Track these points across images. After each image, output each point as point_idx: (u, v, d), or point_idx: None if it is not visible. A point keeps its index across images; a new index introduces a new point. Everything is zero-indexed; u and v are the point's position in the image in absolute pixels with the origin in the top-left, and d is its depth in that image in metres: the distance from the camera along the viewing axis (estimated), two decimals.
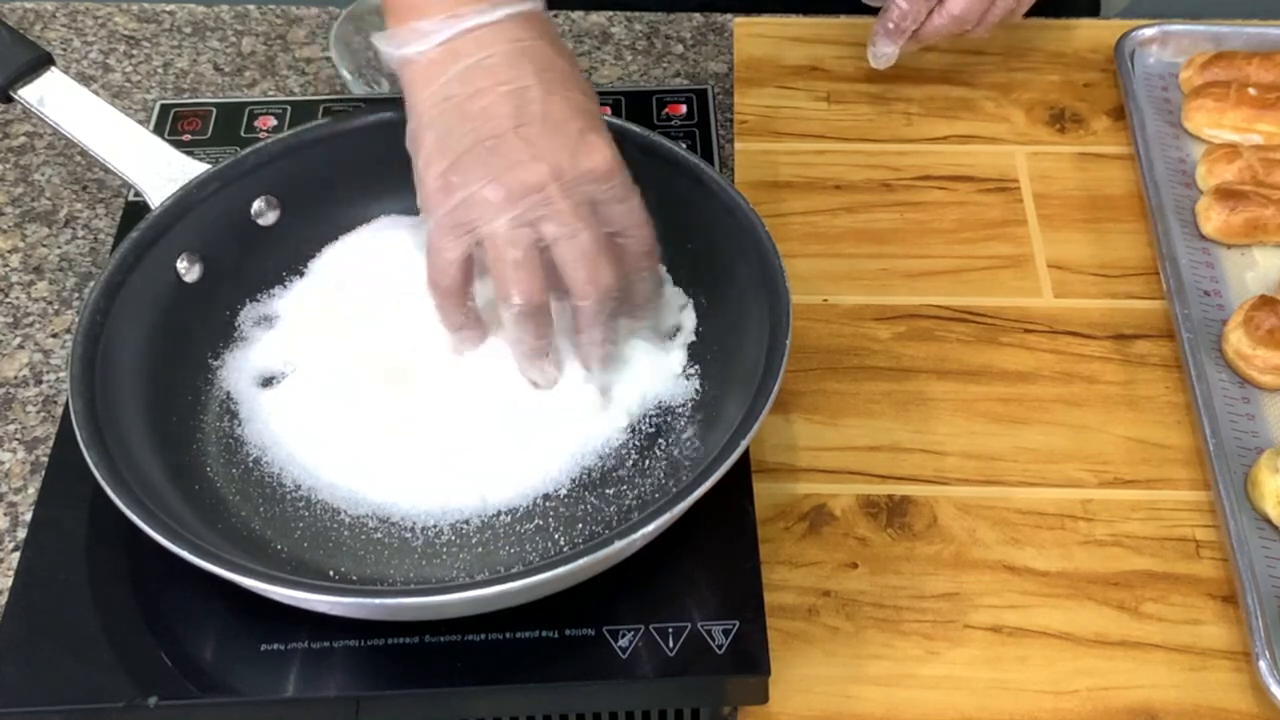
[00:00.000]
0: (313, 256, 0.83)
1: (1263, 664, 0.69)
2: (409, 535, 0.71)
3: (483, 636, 0.67)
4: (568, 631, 0.68)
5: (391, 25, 0.73)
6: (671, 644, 0.67)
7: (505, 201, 0.68)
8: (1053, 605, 0.74)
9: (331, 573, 0.70)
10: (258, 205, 0.82)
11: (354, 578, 0.70)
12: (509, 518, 0.72)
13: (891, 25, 0.95)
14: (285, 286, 0.82)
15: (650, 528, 0.64)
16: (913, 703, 0.71)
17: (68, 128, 0.81)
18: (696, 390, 0.77)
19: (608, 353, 0.74)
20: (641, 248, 0.72)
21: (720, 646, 0.67)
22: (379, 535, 0.71)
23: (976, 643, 0.73)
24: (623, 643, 0.68)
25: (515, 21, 0.71)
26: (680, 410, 0.76)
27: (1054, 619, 0.74)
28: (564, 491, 0.73)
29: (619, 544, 0.64)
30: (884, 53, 0.97)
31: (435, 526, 0.72)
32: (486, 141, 0.69)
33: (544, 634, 0.68)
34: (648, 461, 0.74)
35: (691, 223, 0.80)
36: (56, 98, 0.82)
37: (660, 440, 0.75)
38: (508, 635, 0.67)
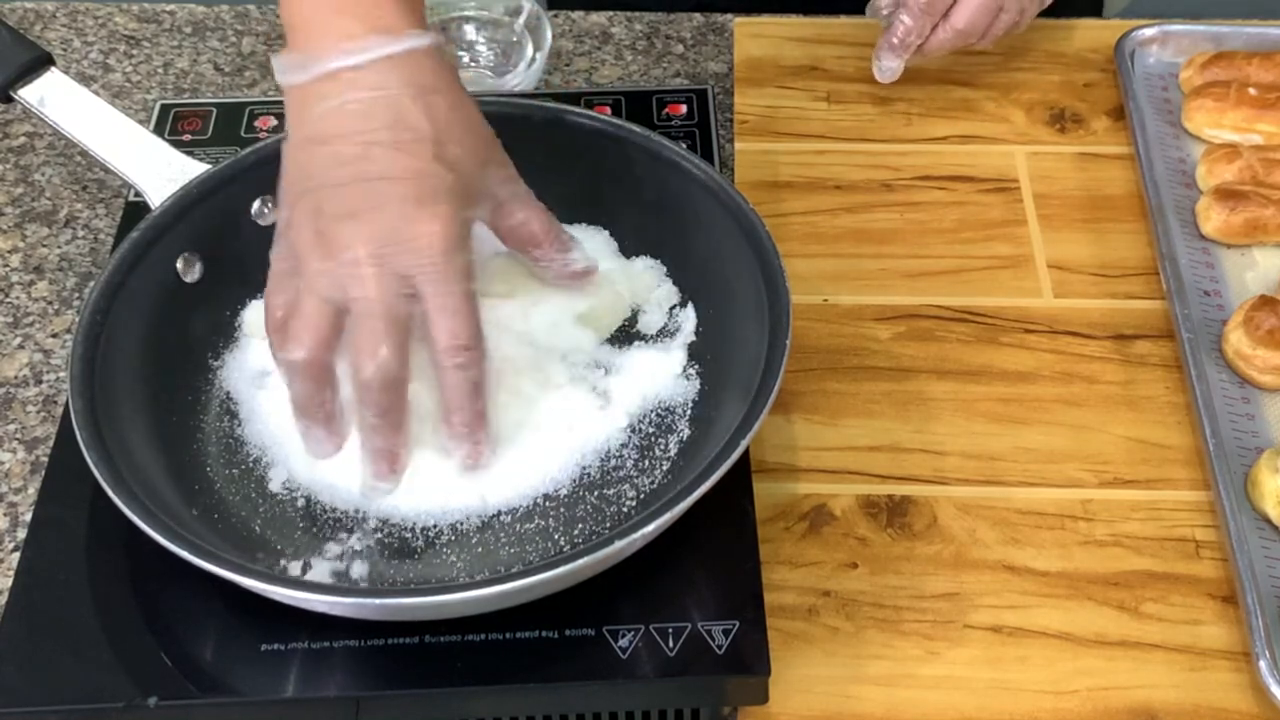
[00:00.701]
0: None
1: (1263, 664, 0.69)
2: (409, 535, 0.71)
3: (483, 636, 0.67)
4: (568, 631, 0.68)
5: (287, 47, 0.71)
6: (671, 644, 0.67)
7: (318, 251, 0.66)
8: (1053, 605, 0.74)
9: (333, 572, 0.70)
10: (257, 205, 0.82)
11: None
12: (509, 518, 0.72)
13: (896, 40, 0.95)
14: None
15: (650, 528, 0.64)
16: (913, 703, 0.71)
17: (68, 128, 0.81)
18: (696, 390, 0.77)
19: (381, 452, 0.69)
20: (451, 340, 0.67)
21: (720, 646, 0.67)
22: (379, 535, 0.71)
23: (976, 643, 0.73)
24: (623, 643, 0.68)
25: (385, 66, 0.68)
26: (680, 410, 0.76)
27: (1054, 619, 0.74)
28: (564, 491, 0.73)
29: (619, 544, 0.64)
30: (889, 67, 0.97)
31: (435, 527, 0.72)
32: (324, 187, 0.67)
33: (544, 634, 0.68)
34: (648, 461, 0.74)
35: (692, 223, 0.80)
36: (56, 98, 0.82)
37: (660, 440, 0.75)
38: (508, 635, 0.67)
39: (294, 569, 0.70)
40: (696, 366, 0.78)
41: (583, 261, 0.77)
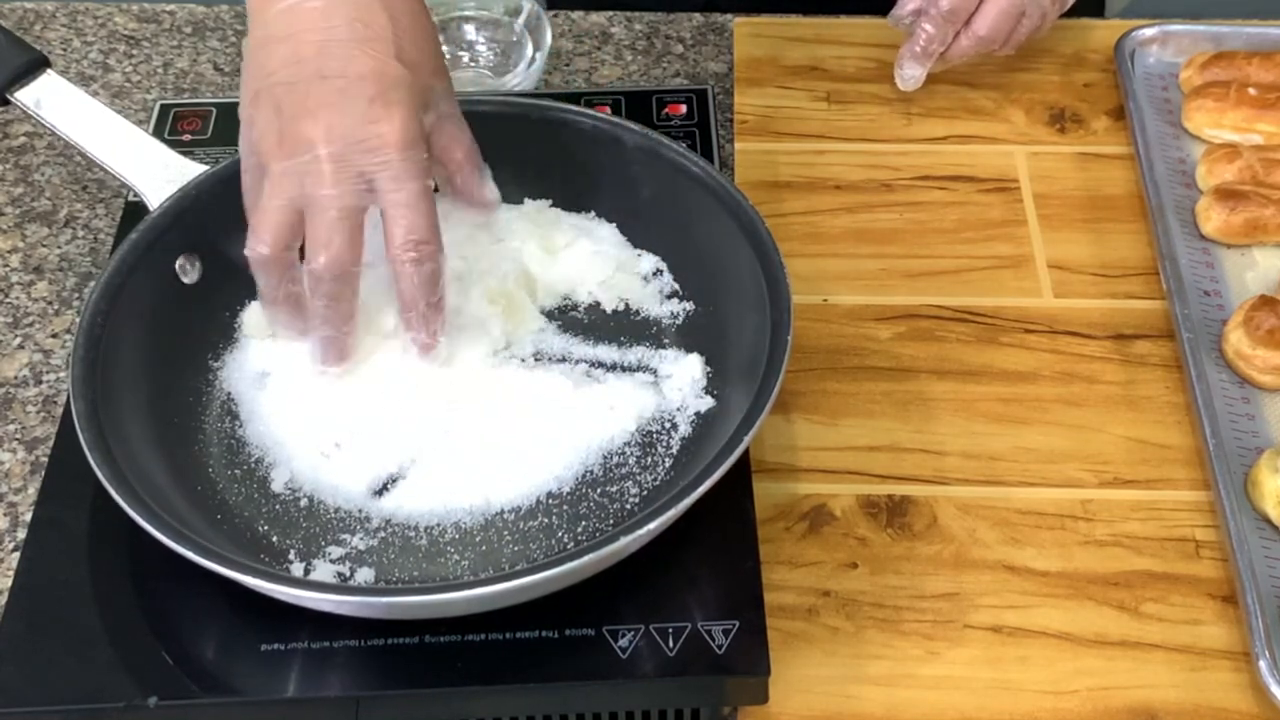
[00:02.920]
0: None
1: (1263, 664, 0.69)
2: (412, 534, 0.71)
3: (483, 636, 0.67)
4: (568, 631, 0.68)
5: None
6: (671, 644, 0.67)
7: (279, 148, 0.68)
8: (1053, 605, 0.74)
9: (336, 572, 0.70)
10: None
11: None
12: (512, 516, 0.72)
13: (919, 48, 0.95)
14: None
15: (651, 526, 0.64)
16: (913, 703, 0.71)
17: (65, 130, 0.81)
18: (699, 389, 0.77)
19: (331, 344, 0.72)
20: (407, 235, 0.68)
21: (720, 646, 0.67)
22: (383, 534, 0.71)
23: (976, 643, 0.73)
24: (623, 643, 0.68)
25: None
26: (681, 410, 0.76)
27: (1054, 619, 0.74)
28: (567, 489, 0.73)
29: (623, 541, 0.64)
30: (911, 75, 0.97)
31: (438, 525, 0.72)
32: (282, 85, 0.68)
33: (544, 634, 0.68)
34: (650, 459, 0.74)
35: (692, 222, 0.80)
36: (53, 100, 0.82)
37: (662, 438, 0.75)
38: (508, 635, 0.67)
39: (297, 569, 0.70)
40: (703, 366, 0.78)
41: (493, 192, 0.78)
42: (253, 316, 0.79)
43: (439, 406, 0.75)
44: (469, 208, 0.78)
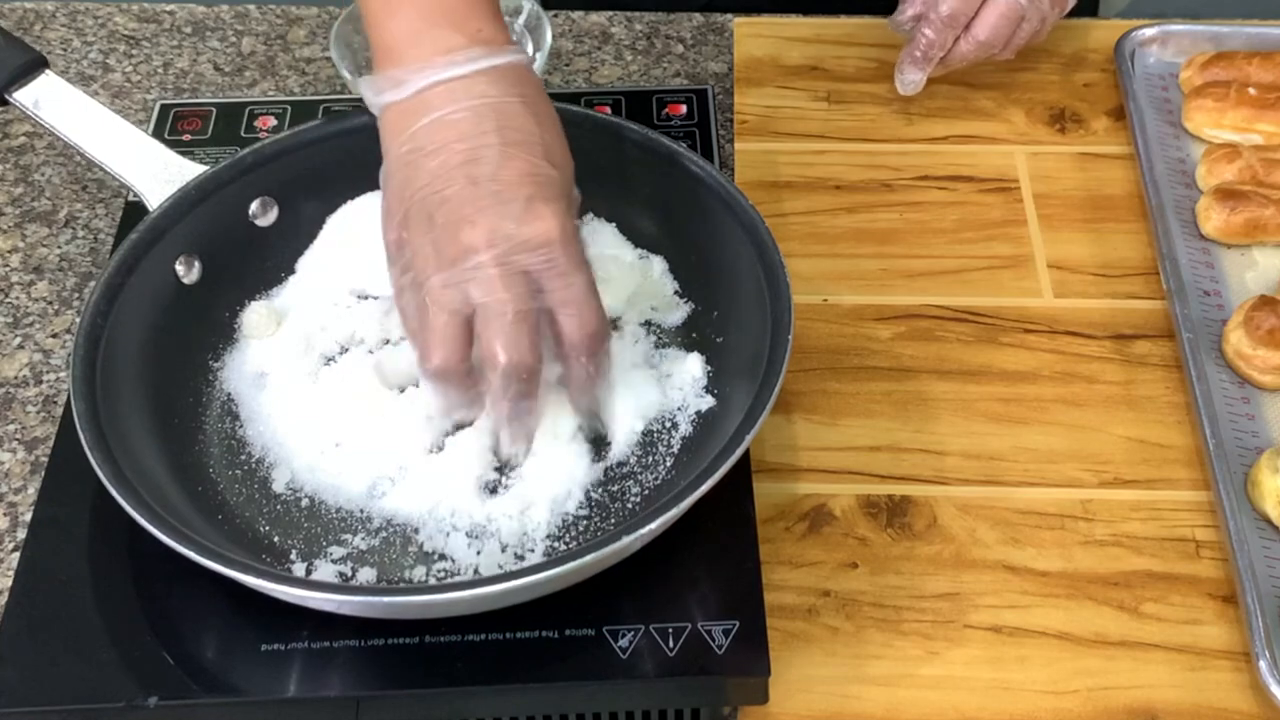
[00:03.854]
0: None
1: (1263, 664, 0.69)
2: (414, 534, 0.71)
3: (483, 636, 0.67)
4: (568, 631, 0.68)
5: (376, 70, 0.72)
6: (671, 644, 0.67)
7: (438, 260, 0.67)
8: (1053, 605, 0.74)
9: (338, 572, 0.70)
10: (255, 206, 0.82)
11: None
12: (513, 515, 0.72)
13: (919, 53, 0.95)
14: (284, 287, 0.82)
15: (652, 526, 0.64)
16: (913, 703, 0.71)
17: (63, 130, 0.81)
18: (700, 388, 0.77)
19: (519, 433, 0.71)
20: (582, 330, 0.68)
21: (720, 646, 0.67)
22: (385, 535, 0.71)
23: (976, 643, 0.73)
24: (623, 643, 0.68)
25: (488, 76, 0.69)
26: (682, 409, 0.76)
27: (1054, 619, 0.74)
28: (568, 489, 0.73)
29: (622, 541, 0.64)
30: (911, 80, 0.97)
31: (440, 525, 0.72)
32: (434, 197, 0.67)
33: (544, 634, 0.68)
34: (651, 458, 0.74)
35: (692, 221, 0.80)
36: (52, 100, 0.82)
37: (663, 438, 0.75)
38: (508, 635, 0.67)
39: (299, 569, 0.70)
40: (704, 365, 0.78)
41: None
42: (252, 317, 0.79)
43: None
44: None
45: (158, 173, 0.80)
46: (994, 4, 0.94)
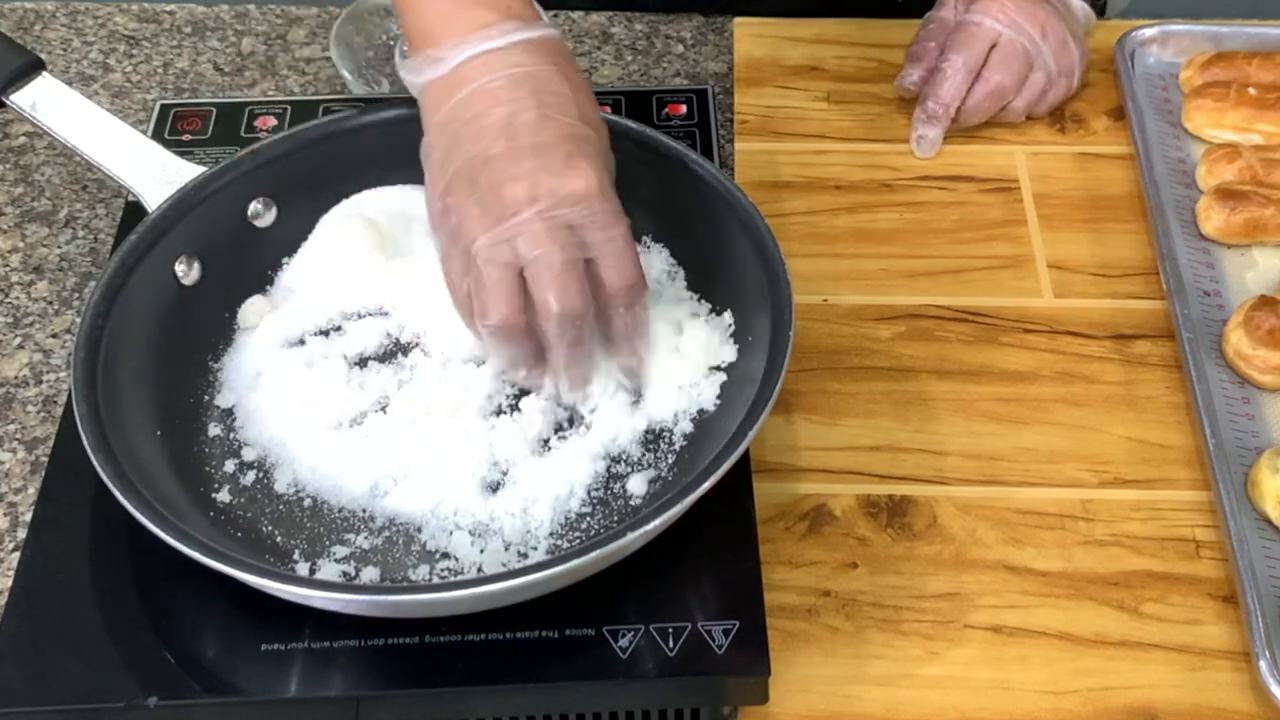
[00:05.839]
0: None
1: (1263, 664, 0.69)
2: (416, 533, 0.71)
3: (483, 636, 0.67)
4: (568, 631, 0.68)
5: (411, 54, 0.74)
6: (671, 644, 0.67)
7: (484, 220, 0.69)
8: (1053, 605, 0.74)
9: (341, 572, 0.70)
10: (254, 206, 0.82)
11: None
12: (515, 514, 0.72)
13: (939, 109, 0.95)
14: (279, 285, 0.82)
15: (652, 525, 0.64)
16: (913, 703, 0.71)
17: (61, 132, 0.81)
18: (700, 387, 0.77)
19: (577, 378, 0.74)
20: (621, 280, 0.71)
21: (720, 646, 0.67)
22: (388, 534, 0.71)
23: (976, 643, 0.73)
24: (623, 643, 0.68)
25: (522, 48, 0.72)
26: (682, 410, 0.76)
27: (1054, 619, 0.74)
28: (569, 488, 0.73)
29: (626, 538, 0.64)
30: (927, 136, 0.97)
31: (442, 524, 0.72)
32: (476, 161, 0.70)
33: (544, 634, 0.68)
34: (653, 456, 0.74)
35: (692, 220, 0.80)
36: (49, 102, 0.82)
37: (665, 435, 0.75)
38: (508, 635, 0.67)
39: (303, 569, 0.70)
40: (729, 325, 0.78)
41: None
42: (246, 310, 0.79)
43: (440, 405, 0.75)
44: None
45: (156, 174, 0.80)
46: (1000, 47, 0.95)
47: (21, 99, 0.82)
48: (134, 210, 0.84)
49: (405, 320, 0.79)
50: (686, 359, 0.76)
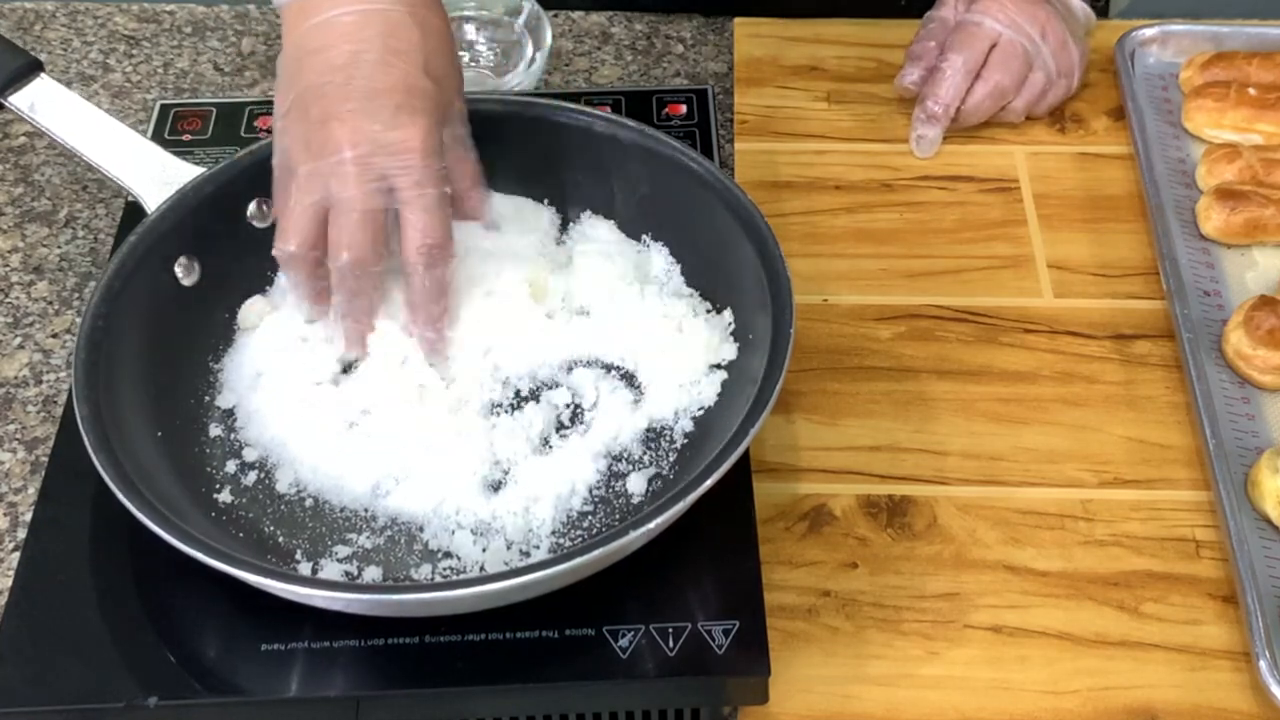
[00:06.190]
0: None
1: (1263, 664, 0.69)
2: (418, 533, 0.71)
3: (483, 636, 0.67)
4: (568, 631, 0.68)
5: None
6: (671, 644, 0.67)
7: (306, 152, 0.71)
8: (1053, 605, 0.74)
9: (344, 571, 0.70)
10: (254, 207, 0.82)
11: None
12: (516, 514, 0.72)
13: (938, 109, 0.95)
14: (279, 285, 0.82)
15: (652, 525, 0.64)
16: (913, 703, 0.71)
17: (60, 134, 0.81)
18: (700, 386, 0.77)
19: (353, 331, 0.75)
20: (423, 237, 0.72)
21: (720, 646, 0.67)
22: (390, 533, 0.71)
23: (976, 643, 0.73)
24: (623, 643, 0.68)
25: None
26: (683, 407, 0.76)
27: (1054, 619, 0.74)
28: (570, 488, 0.73)
29: (622, 539, 0.64)
30: (927, 136, 0.97)
31: (444, 523, 0.72)
32: (312, 92, 0.71)
33: (544, 634, 0.68)
34: (653, 455, 0.74)
35: (692, 220, 0.80)
36: (47, 103, 0.82)
37: (666, 433, 0.75)
38: (508, 635, 0.67)
39: (305, 569, 0.70)
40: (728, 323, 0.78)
41: (490, 214, 0.80)
42: (247, 310, 0.79)
43: (441, 405, 0.75)
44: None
45: (155, 175, 0.80)
46: (1000, 46, 0.95)
47: (20, 101, 0.82)
48: (134, 210, 0.84)
49: (405, 318, 0.79)
50: (687, 356, 0.76)
